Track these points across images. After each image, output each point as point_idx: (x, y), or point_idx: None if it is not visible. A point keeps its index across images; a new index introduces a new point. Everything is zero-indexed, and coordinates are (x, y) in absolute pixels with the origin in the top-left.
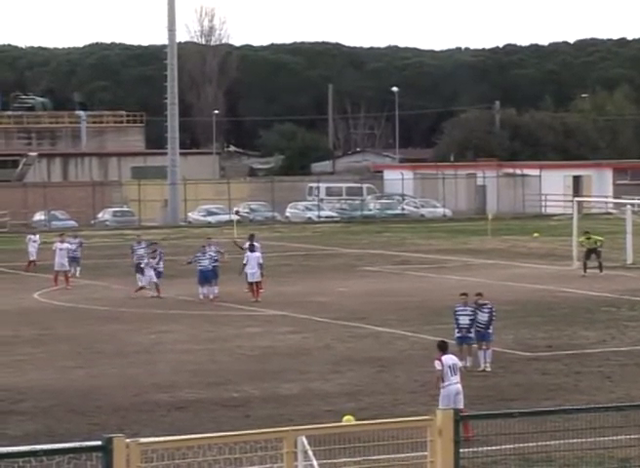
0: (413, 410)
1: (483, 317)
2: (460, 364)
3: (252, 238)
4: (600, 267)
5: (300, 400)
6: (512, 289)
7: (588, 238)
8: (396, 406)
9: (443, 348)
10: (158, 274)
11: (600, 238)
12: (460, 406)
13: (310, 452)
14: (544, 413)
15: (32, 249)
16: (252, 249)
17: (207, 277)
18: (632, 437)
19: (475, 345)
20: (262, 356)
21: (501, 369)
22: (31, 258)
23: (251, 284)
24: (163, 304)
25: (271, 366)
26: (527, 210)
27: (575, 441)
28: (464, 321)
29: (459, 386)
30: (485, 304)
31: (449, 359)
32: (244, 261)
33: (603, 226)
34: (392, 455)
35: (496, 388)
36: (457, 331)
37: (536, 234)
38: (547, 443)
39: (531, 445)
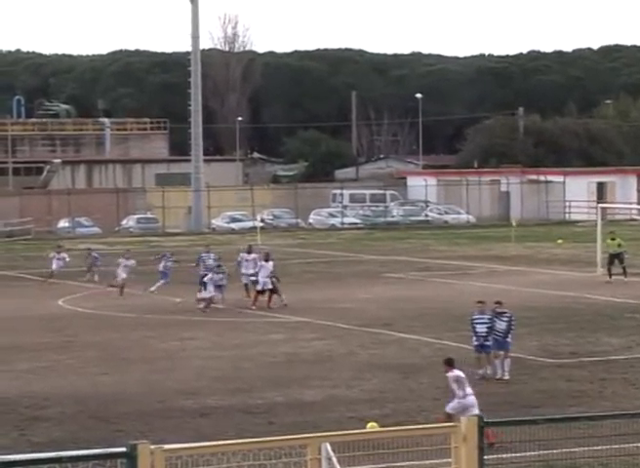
0: (437, 417)
1: (501, 325)
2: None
3: (252, 249)
4: (624, 273)
5: (324, 406)
6: (536, 295)
7: (613, 238)
8: (420, 412)
9: (450, 364)
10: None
11: (622, 242)
12: (474, 411)
13: (334, 459)
14: (569, 420)
15: (56, 265)
16: (267, 258)
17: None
18: None
19: (493, 354)
20: (286, 363)
21: (526, 375)
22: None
23: (259, 292)
24: (187, 311)
25: (295, 372)
26: (551, 216)
27: (599, 448)
28: (482, 329)
29: (472, 399)
30: (504, 313)
31: (459, 373)
32: (256, 270)
33: (627, 232)
34: (416, 462)
35: (520, 395)
36: (474, 338)
37: (560, 240)
38: (572, 450)
39: (555, 451)
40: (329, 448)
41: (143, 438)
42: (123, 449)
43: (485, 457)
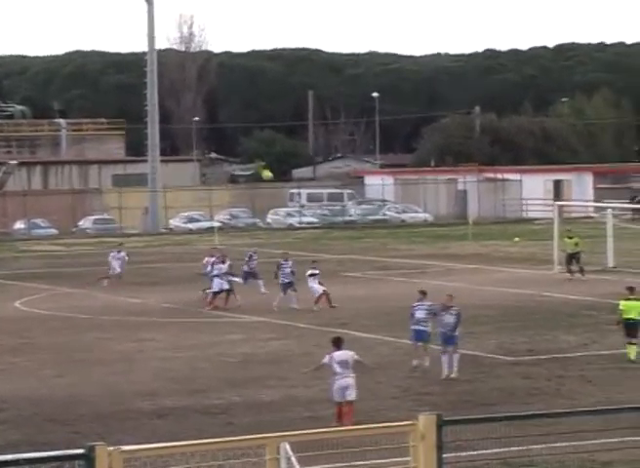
0: (395, 416)
1: (449, 319)
2: (352, 359)
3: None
4: (582, 271)
5: (282, 406)
6: (493, 293)
7: (570, 237)
8: (378, 411)
9: (337, 344)
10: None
11: (579, 240)
12: (350, 398)
13: (293, 459)
14: (526, 418)
15: (118, 265)
16: (223, 260)
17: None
18: (613, 440)
19: (430, 345)
20: (244, 363)
21: (483, 373)
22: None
23: (215, 293)
24: (145, 312)
25: (253, 372)
26: (507, 214)
27: (557, 445)
28: (420, 314)
29: (348, 380)
30: (452, 307)
31: (342, 355)
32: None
33: (584, 230)
34: (375, 461)
35: (477, 393)
36: (412, 326)
37: (516, 239)
38: (529, 447)
39: (513, 449)
40: (288, 447)
41: (101, 440)
42: (80, 451)
43: (443, 455)
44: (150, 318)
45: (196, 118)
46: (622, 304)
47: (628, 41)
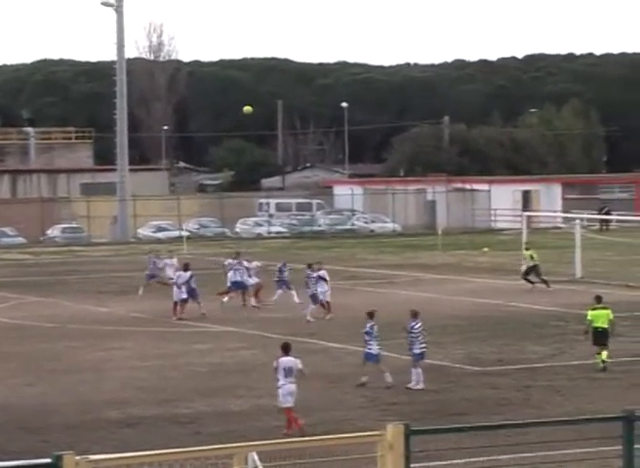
0: (362, 426)
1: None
2: (296, 367)
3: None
4: (545, 282)
5: (250, 416)
6: (462, 303)
7: (527, 248)
8: (346, 421)
9: (285, 350)
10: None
11: (535, 254)
12: (288, 405)
13: None
14: (495, 428)
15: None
16: (185, 268)
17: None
18: (582, 451)
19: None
20: (212, 372)
21: (451, 383)
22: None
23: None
24: (113, 321)
25: (221, 382)
26: (476, 224)
27: (525, 455)
28: (366, 336)
29: (293, 386)
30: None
31: (287, 361)
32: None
33: (552, 240)
34: None
35: (446, 403)
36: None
37: (485, 249)
38: (498, 457)
39: (482, 459)
40: (255, 457)
41: (69, 449)
42: (49, 461)
43: (411, 465)
44: (119, 327)
45: (165, 127)
46: (590, 314)
47: (597, 52)
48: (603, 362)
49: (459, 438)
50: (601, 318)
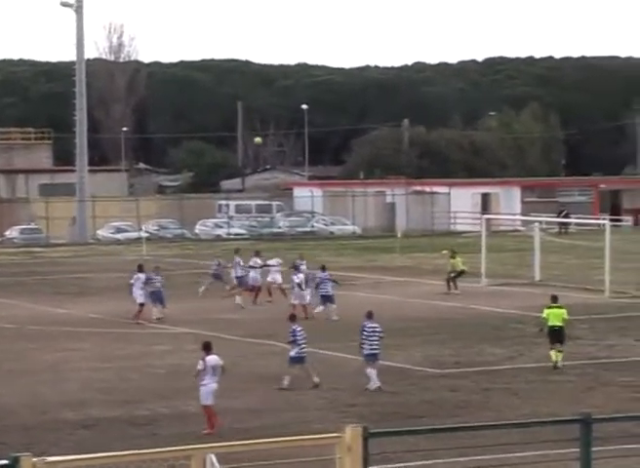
0: (321, 428)
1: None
2: (219, 364)
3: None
4: (449, 286)
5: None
6: (421, 306)
7: (453, 257)
8: (304, 423)
9: (207, 349)
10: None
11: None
12: (210, 402)
13: None
14: (453, 430)
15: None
16: (140, 269)
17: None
18: (538, 453)
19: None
20: (171, 374)
21: (411, 386)
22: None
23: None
24: (72, 322)
25: (180, 384)
26: (436, 227)
27: (482, 457)
28: (302, 340)
29: (215, 385)
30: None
31: (212, 360)
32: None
33: (511, 243)
34: None
35: (405, 405)
36: (296, 349)
37: (444, 251)
38: (455, 459)
39: (439, 461)
40: (214, 459)
41: (26, 450)
42: (5, 462)
43: (369, 467)
44: (77, 328)
45: (125, 128)
46: (546, 312)
47: (557, 55)
48: (556, 363)
49: (417, 440)
50: (556, 317)
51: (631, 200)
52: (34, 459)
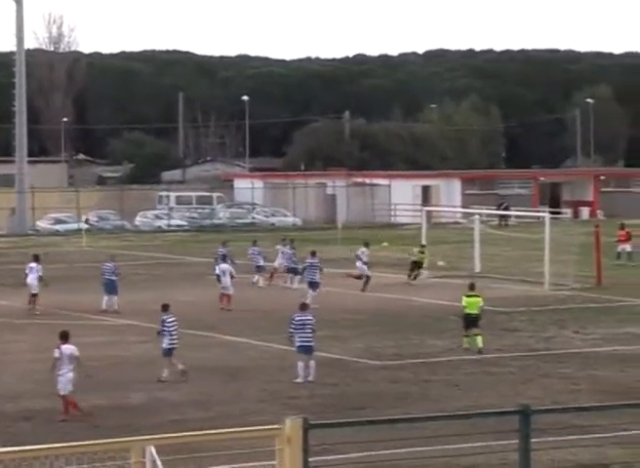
0: (262, 419)
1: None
2: (74, 354)
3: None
4: (416, 277)
5: (149, 409)
6: (361, 298)
7: (422, 252)
8: (245, 415)
9: (64, 338)
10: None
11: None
12: (69, 391)
13: (159, 462)
14: (392, 422)
15: (282, 259)
16: (36, 259)
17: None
18: (478, 444)
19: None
20: (111, 365)
21: (350, 377)
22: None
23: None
24: (10, 314)
25: (120, 375)
26: (376, 219)
27: (422, 449)
28: (174, 329)
29: (72, 374)
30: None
31: (67, 349)
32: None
33: (452, 235)
34: (241, 464)
35: (345, 397)
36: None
37: (385, 243)
38: (395, 451)
39: (379, 453)
40: (153, 451)
41: None
42: None
43: (309, 459)
44: (16, 320)
45: (65, 119)
46: (464, 300)
47: (497, 48)
48: (480, 349)
49: (356, 432)
50: (473, 305)
51: (571, 192)
52: None
